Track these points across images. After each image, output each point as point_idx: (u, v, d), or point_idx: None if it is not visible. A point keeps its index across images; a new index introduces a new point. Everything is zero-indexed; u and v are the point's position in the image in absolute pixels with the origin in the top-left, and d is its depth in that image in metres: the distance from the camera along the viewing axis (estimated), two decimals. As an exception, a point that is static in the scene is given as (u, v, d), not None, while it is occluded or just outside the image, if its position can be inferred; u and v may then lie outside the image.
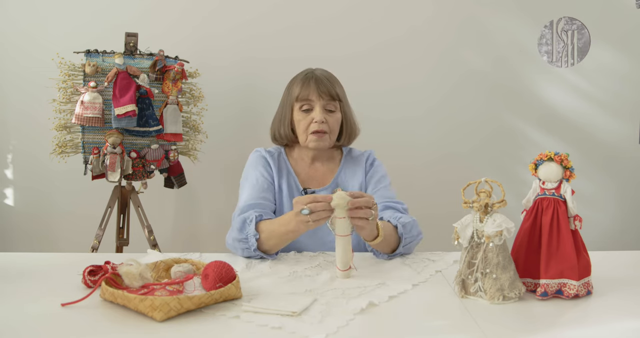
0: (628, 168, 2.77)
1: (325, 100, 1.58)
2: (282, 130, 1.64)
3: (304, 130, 1.59)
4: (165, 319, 0.99)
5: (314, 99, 1.58)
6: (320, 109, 1.57)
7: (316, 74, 1.62)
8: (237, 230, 1.42)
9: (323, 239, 1.55)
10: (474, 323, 1.01)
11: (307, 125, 1.58)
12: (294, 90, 1.61)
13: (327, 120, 1.57)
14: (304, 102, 1.58)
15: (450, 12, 2.65)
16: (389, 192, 1.63)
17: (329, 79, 1.61)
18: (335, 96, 1.59)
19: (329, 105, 1.59)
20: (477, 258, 1.14)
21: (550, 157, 1.16)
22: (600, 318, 1.06)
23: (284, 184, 1.61)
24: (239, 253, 1.43)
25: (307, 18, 2.61)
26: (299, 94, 1.59)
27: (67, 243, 2.61)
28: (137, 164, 2.16)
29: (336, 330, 0.96)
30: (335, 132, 1.62)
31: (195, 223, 2.71)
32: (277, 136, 1.67)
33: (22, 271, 1.27)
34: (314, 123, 1.57)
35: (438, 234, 1.89)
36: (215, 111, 2.48)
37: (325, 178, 1.64)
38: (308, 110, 1.59)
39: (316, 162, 1.67)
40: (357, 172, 1.65)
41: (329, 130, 1.59)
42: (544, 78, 2.69)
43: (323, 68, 1.69)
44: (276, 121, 1.67)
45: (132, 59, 2.14)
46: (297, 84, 1.61)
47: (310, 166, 1.66)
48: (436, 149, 2.72)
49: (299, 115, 1.59)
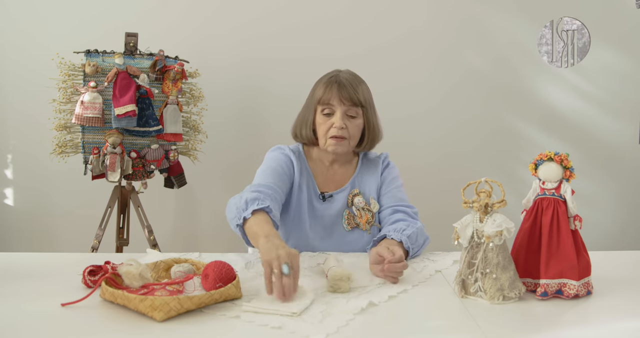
0: (628, 168, 2.77)
1: (346, 105, 1.55)
2: (303, 131, 1.63)
3: (323, 133, 1.57)
4: (165, 319, 0.99)
5: (335, 104, 1.55)
6: (341, 114, 1.55)
7: (340, 77, 1.58)
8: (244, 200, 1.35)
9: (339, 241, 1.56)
10: (474, 323, 1.01)
11: (327, 129, 1.56)
12: (317, 92, 1.59)
13: (347, 126, 1.55)
14: (325, 106, 1.56)
15: (450, 12, 2.65)
16: (401, 194, 1.62)
17: (352, 84, 1.57)
18: (357, 102, 1.55)
19: (350, 111, 1.56)
20: (477, 258, 1.14)
21: (550, 157, 1.16)
22: (600, 318, 1.06)
23: (304, 185, 1.59)
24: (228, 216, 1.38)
25: (307, 18, 2.61)
26: (321, 97, 1.56)
27: (67, 244, 2.61)
28: (137, 164, 2.16)
29: (336, 330, 0.96)
30: (356, 138, 1.60)
31: (195, 223, 2.71)
32: (299, 135, 1.65)
33: (22, 271, 1.27)
34: (333, 128, 1.55)
35: (438, 234, 1.88)
36: (215, 111, 2.48)
37: (342, 181, 1.64)
38: (329, 115, 1.56)
39: (334, 164, 1.66)
40: (373, 175, 1.65)
41: (349, 136, 1.56)
42: (544, 78, 2.70)
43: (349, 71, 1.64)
44: (299, 120, 1.66)
45: (132, 59, 2.14)
46: (321, 86, 1.58)
47: (328, 168, 1.65)
48: (436, 149, 2.72)
49: (320, 118, 1.58)
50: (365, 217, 1.58)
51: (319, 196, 1.59)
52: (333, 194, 1.60)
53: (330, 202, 1.59)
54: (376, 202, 1.61)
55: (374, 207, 1.60)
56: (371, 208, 1.60)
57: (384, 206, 1.60)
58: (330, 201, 1.59)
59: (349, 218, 1.58)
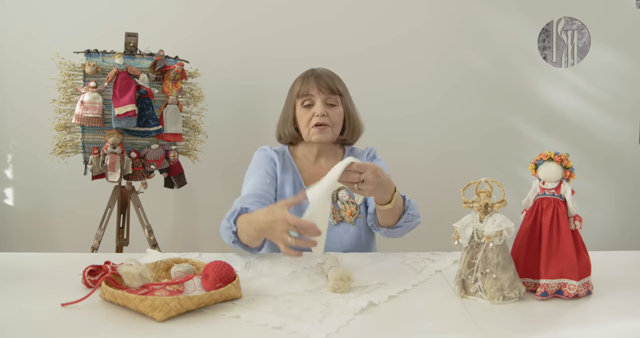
0: (628, 168, 2.77)
1: (325, 94, 1.60)
2: (286, 130, 1.67)
3: (305, 124, 1.61)
4: (165, 319, 0.98)
5: (314, 94, 1.60)
6: (321, 102, 1.59)
7: (316, 71, 1.65)
8: (226, 218, 1.43)
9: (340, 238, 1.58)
10: (474, 323, 1.01)
11: (309, 119, 1.60)
12: (295, 88, 1.64)
13: (328, 114, 1.59)
14: (304, 98, 1.61)
15: (450, 12, 2.65)
16: None
17: (329, 75, 1.64)
18: (335, 90, 1.61)
19: (330, 100, 1.61)
20: (477, 258, 1.14)
21: (550, 157, 1.16)
22: (600, 318, 1.06)
23: (288, 181, 1.63)
24: (225, 240, 1.43)
25: (307, 18, 2.61)
26: (299, 91, 1.61)
27: (67, 243, 2.61)
28: (137, 164, 2.16)
29: (336, 330, 0.96)
30: (338, 126, 1.63)
31: (195, 223, 2.71)
32: (282, 136, 1.70)
33: (22, 271, 1.27)
34: (315, 116, 1.59)
35: (438, 234, 1.89)
36: (215, 111, 2.48)
37: None
38: (309, 106, 1.61)
39: (320, 158, 1.68)
40: None
41: (331, 123, 1.60)
42: (544, 78, 2.69)
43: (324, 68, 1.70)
44: (280, 121, 1.71)
45: (132, 59, 2.14)
46: (298, 82, 1.65)
47: (314, 163, 1.68)
48: (436, 149, 2.72)
49: (301, 111, 1.62)
50: (350, 210, 1.60)
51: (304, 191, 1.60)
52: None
53: None
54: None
55: (358, 199, 1.62)
56: (355, 200, 1.61)
57: None
58: None
59: (335, 212, 1.59)
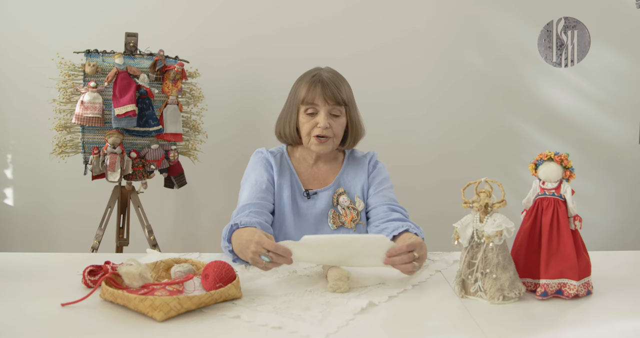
0: (628, 168, 2.77)
1: (330, 105, 1.56)
2: (287, 130, 1.64)
3: (307, 133, 1.58)
4: (165, 319, 0.99)
5: (319, 104, 1.56)
6: (325, 114, 1.56)
7: (323, 77, 1.58)
8: (222, 237, 1.42)
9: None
10: (474, 323, 1.01)
11: (311, 129, 1.57)
12: (300, 92, 1.59)
13: (331, 126, 1.56)
14: (309, 106, 1.57)
15: (450, 12, 2.65)
16: (392, 195, 1.63)
17: (335, 82, 1.57)
18: (340, 101, 1.56)
19: (334, 110, 1.57)
20: (477, 258, 1.14)
21: (550, 157, 1.16)
22: (600, 318, 1.06)
23: (286, 184, 1.60)
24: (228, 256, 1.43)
25: (307, 18, 2.60)
26: (304, 97, 1.57)
27: (66, 243, 2.61)
28: (137, 164, 2.15)
29: (336, 330, 0.96)
30: (339, 137, 1.61)
31: (195, 223, 2.71)
32: (282, 135, 1.67)
33: (22, 271, 1.27)
34: (317, 128, 1.56)
35: (438, 234, 1.89)
36: (215, 111, 2.48)
37: (327, 179, 1.64)
38: (313, 114, 1.57)
39: (319, 162, 1.67)
40: (359, 174, 1.65)
41: (333, 135, 1.58)
42: (545, 78, 2.69)
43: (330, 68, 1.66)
44: (281, 120, 1.66)
45: (132, 59, 2.14)
46: (304, 86, 1.59)
47: (312, 166, 1.66)
48: (436, 149, 2.72)
49: (304, 118, 1.58)
50: (351, 216, 1.59)
51: (303, 193, 1.60)
52: (317, 192, 1.61)
53: (314, 199, 1.60)
54: (361, 201, 1.62)
55: (359, 205, 1.61)
56: (356, 206, 1.61)
57: (377, 204, 1.60)
58: (314, 199, 1.60)
59: (335, 217, 1.58)
